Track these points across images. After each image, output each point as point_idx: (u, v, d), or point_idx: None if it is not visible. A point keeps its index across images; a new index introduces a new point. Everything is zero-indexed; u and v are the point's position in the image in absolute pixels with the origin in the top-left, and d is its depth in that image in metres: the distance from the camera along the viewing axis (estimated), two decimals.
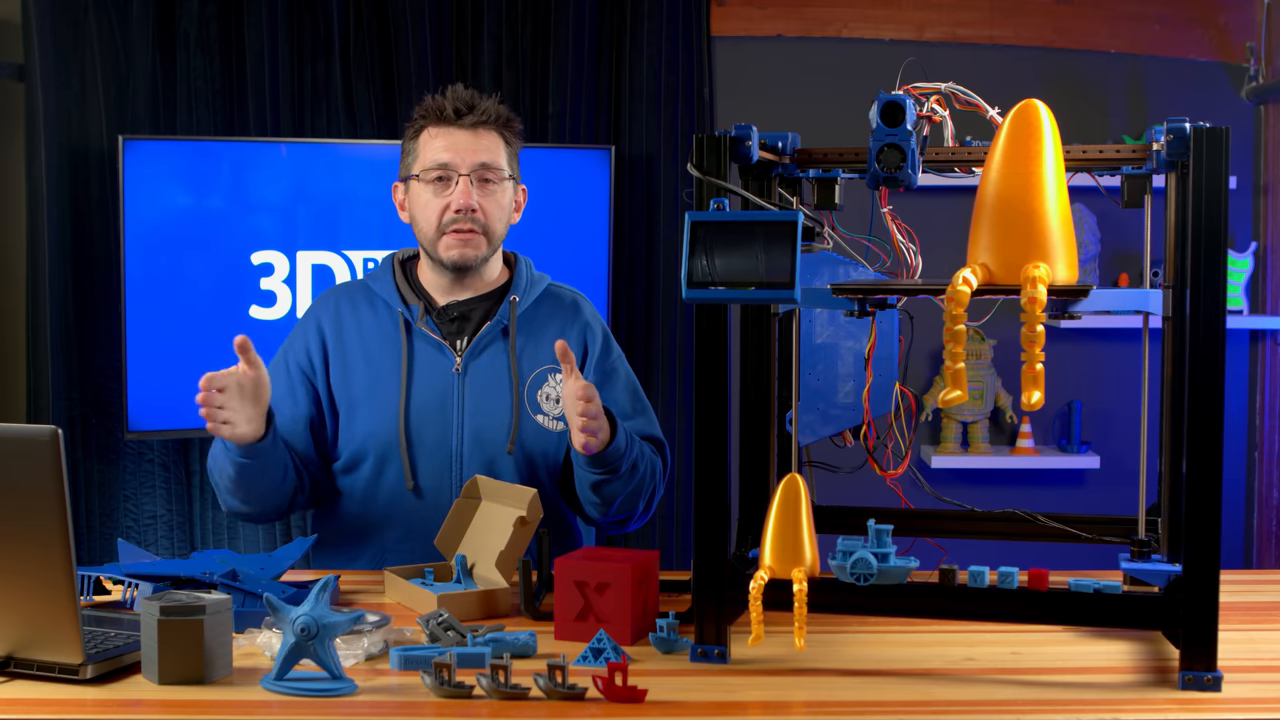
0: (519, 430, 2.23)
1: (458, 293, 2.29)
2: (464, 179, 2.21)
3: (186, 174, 3.53)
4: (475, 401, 2.24)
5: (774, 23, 3.95)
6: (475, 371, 2.25)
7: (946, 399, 1.49)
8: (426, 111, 2.25)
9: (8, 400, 3.74)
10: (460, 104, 2.23)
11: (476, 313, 2.29)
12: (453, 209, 2.21)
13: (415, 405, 2.23)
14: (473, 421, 2.23)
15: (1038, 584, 1.65)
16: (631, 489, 2.18)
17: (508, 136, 2.28)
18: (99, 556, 3.66)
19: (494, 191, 2.24)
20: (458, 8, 3.80)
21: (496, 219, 2.25)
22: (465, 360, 2.25)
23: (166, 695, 1.50)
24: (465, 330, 2.28)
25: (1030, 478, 3.94)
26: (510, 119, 2.28)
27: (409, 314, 2.26)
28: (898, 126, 1.63)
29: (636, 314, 3.90)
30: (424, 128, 2.26)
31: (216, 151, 3.56)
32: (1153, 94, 3.95)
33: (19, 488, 1.48)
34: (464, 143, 2.22)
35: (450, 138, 2.23)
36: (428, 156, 2.23)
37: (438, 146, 2.23)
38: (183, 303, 3.54)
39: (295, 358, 2.30)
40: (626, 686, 1.47)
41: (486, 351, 2.26)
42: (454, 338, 2.27)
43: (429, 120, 2.25)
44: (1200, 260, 1.52)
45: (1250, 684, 1.55)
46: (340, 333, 2.29)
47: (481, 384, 2.24)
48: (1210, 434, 1.52)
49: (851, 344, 1.87)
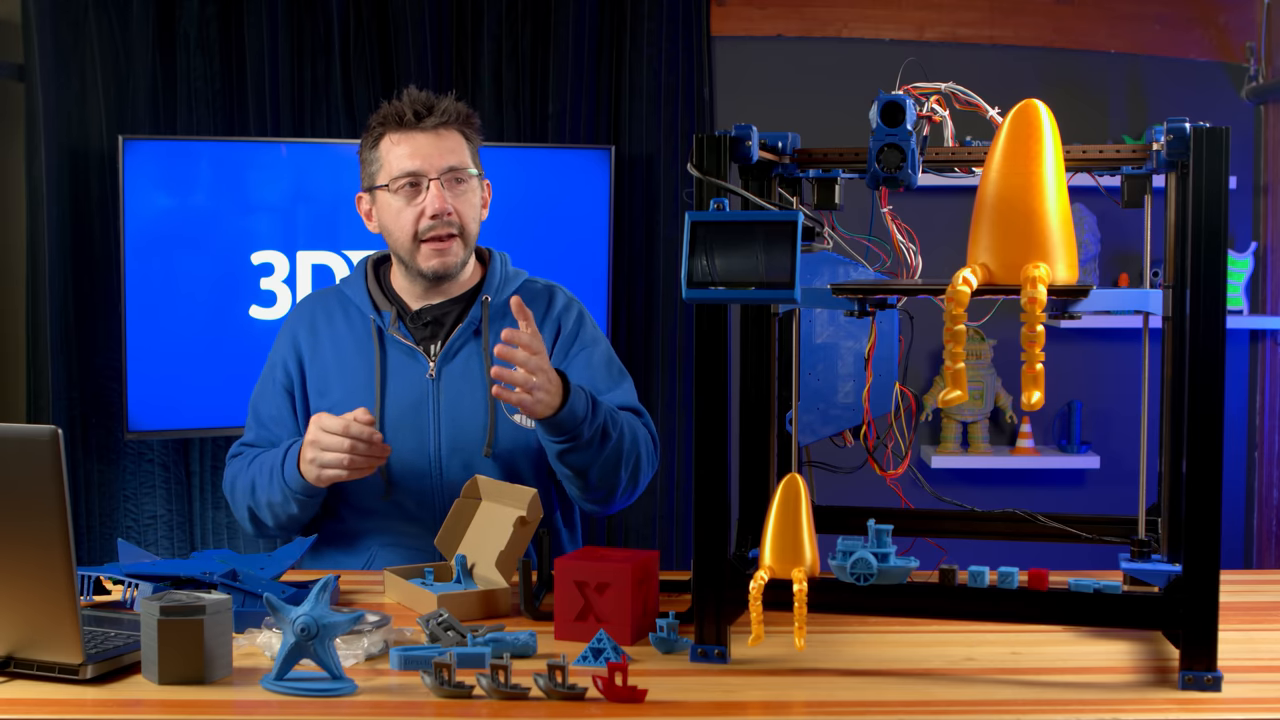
0: (495, 432, 2.21)
1: (431, 296, 2.28)
2: (435, 183, 2.19)
3: (187, 174, 3.53)
4: (450, 406, 2.22)
5: (774, 23, 3.95)
6: (449, 376, 2.23)
7: (946, 399, 1.49)
8: (384, 118, 2.22)
9: (8, 400, 3.74)
10: (419, 106, 2.20)
11: (450, 316, 2.27)
12: (427, 215, 2.19)
13: (390, 413, 2.21)
14: (449, 427, 2.21)
15: (1038, 584, 1.65)
16: (604, 459, 2.13)
17: (469, 134, 2.26)
18: (99, 556, 3.66)
19: (464, 192, 2.23)
20: (458, 8, 3.80)
21: (470, 219, 2.24)
22: (439, 365, 2.23)
23: (166, 695, 1.50)
24: (439, 334, 2.26)
25: (1030, 478, 3.94)
26: (469, 115, 2.26)
27: (381, 321, 2.25)
28: (898, 126, 1.63)
29: (636, 314, 3.90)
30: (383, 135, 2.22)
31: (217, 151, 3.56)
32: (1153, 94, 3.95)
33: (19, 488, 1.48)
34: (428, 146, 2.20)
35: (413, 143, 2.20)
36: (394, 165, 2.20)
37: (402, 154, 2.20)
38: (183, 303, 3.54)
39: (277, 375, 2.31)
40: (626, 686, 1.47)
41: (460, 355, 2.24)
42: (427, 342, 2.25)
43: (388, 126, 2.22)
44: (1200, 260, 1.52)
45: (1250, 684, 1.55)
46: (316, 343, 2.29)
47: (456, 388, 2.22)
48: (1210, 434, 1.51)
49: (851, 344, 1.87)
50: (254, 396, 2.34)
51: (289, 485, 2.13)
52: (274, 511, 2.20)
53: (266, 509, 2.20)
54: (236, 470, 2.29)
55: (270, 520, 2.22)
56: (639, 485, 2.24)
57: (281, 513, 2.19)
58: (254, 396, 2.34)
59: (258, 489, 2.21)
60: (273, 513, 2.20)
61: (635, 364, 3.89)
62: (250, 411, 2.34)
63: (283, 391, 2.29)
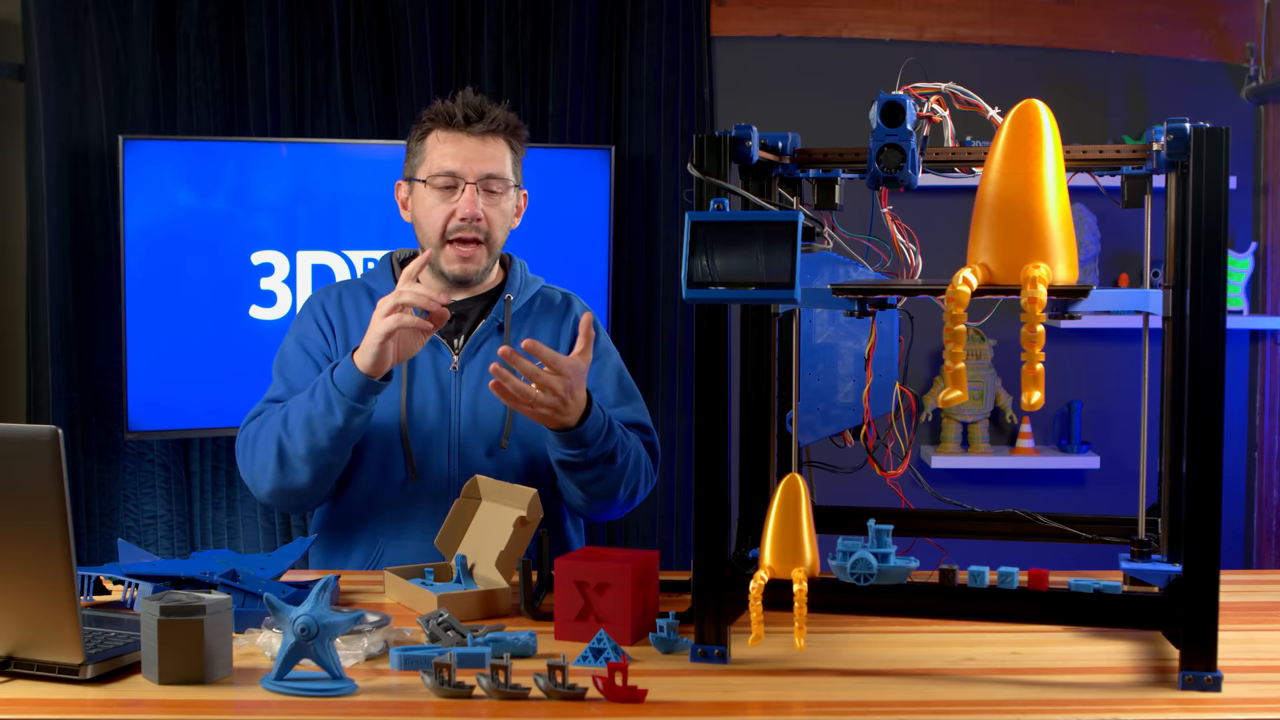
0: (513, 425, 2.24)
1: (454, 293, 2.30)
2: (470, 188, 2.22)
3: (186, 174, 3.53)
4: (471, 398, 2.25)
5: (774, 23, 3.95)
6: (471, 369, 2.26)
7: (946, 399, 1.49)
8: (436, 115, 2.26)
9: (8, 400, 3.74)
10: (470, 110, 2.23)
11: (473, 312, 2.31)
12: (458, 217, 2.22)
13: (416, 400, 2.24)
14: (469, 417, 2.24)
15: (1038, 584, 1.65)
16: (606, 479, 2.17)
17: (514, 144, 2.29)
18: (99, 556, 3.66)
19: (498, 201, 2.26)
20: (458, 8, 3.80)
21: (499, 227, 2.27)
22: (462, 358, 2.26)
23: (166, 695, 1.50)
24: (462, 329, 2.30)
25: (1030, 478, 3.94)
26: (518, 127, 2.30)
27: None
28: (898, 126, 1.63)
29: (636, 314, 3.90)
30: (431, 130, 2.26)
31: (216, 151, 3.56)
32: (1153, 94, 3.95)
33: (19, 488, 1.48)
34: (471, 151, 2.23)
35: (458, 145, 2.23)
36: (435, 162, 2.24)
37: (446, 153, 2.23)
38: (183, 303, 3.54)
39: (311, 342, 2.28)
40: (626, 686, 1.47)
41: (482, 349, 2.28)
42: (451, 336, 2.28)
43: (438, 124, 2.25)
44: (1200, 260, 1.52)
45: (1250, 684, 1.55)
46: (344, 324, 2.30)
47: (477, 381, 2.25)
48: (1210, 434, 1.51)
49: (851, 344, 1.87)
50: (279, 362, 2.29)
51: (339, 389, 2.06)
52: (311, 429, 2.08)
53: (302, 431, 2.09)
54: (261, 420, 2.20)
55: (304, 446, 2.09)
56: (633, 502, 2.28)
57: (321, 429, 2.08)
58: (279, 362, 2.29)
59: (291, 417, 2.12)
60: (310, 431, 2.08)
61: (635, 364, 3.89)
62: (275, 373, 2.28)
63: (312, 356, 2.26)
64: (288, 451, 2.12)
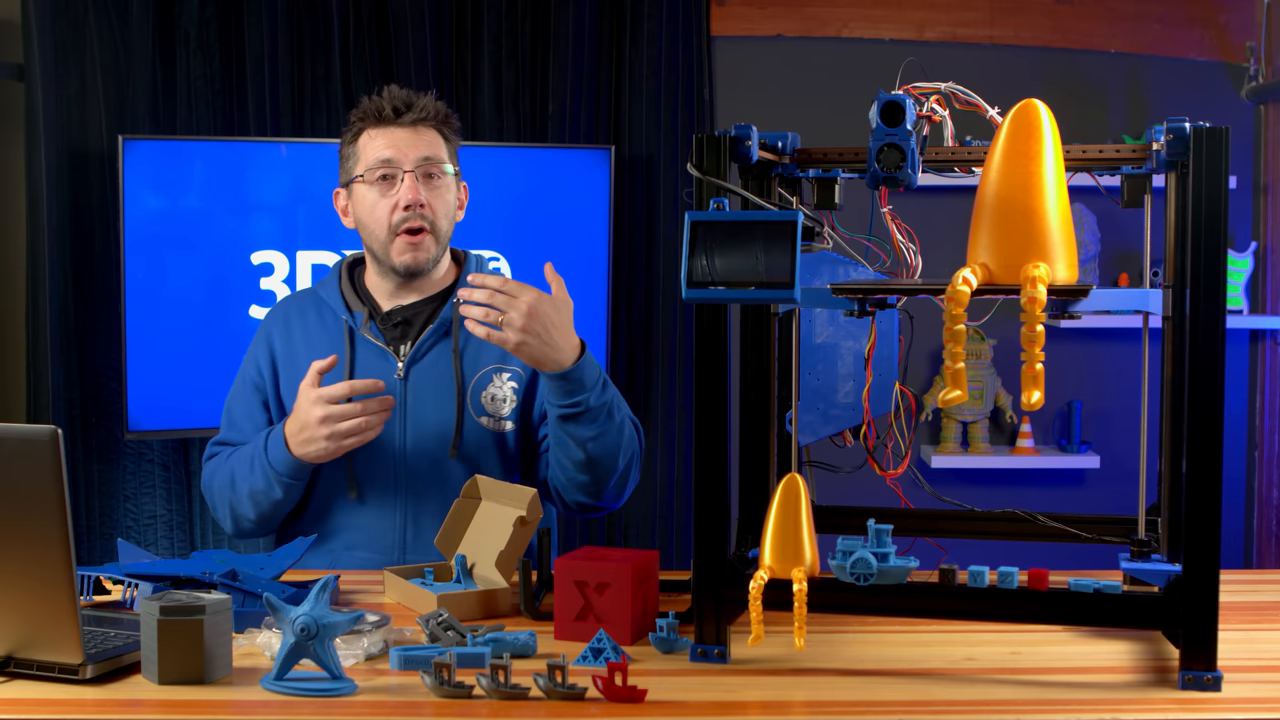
0: (461, 433, 2.22)
1: (403, 296, 2.29)
2: (409, 175, 2.21)
3: (186, 174, 3.53)
4: (418, 406, 2.23)
5: (774, 23, 3.95)
6: (418, 376, 2.24)
7: (946, 399, 1.49)
8: (364, 114, 2.26)
9: (8, 400, 3.74)
10: (398, 102, 2.23)
11: (421, 316, 2.28)
12: (401, 206, 2.21)
13: None
14: (415, 427, 2.22)
15: (1038, 584, 1.65)
16: (608, 435, 2.13)
17: (447, 133, 2.28)
18: (99, 556, 3.66)
19: (439, 187, 2.25)
20: (458, 8, 3.80)
21: (443, 215, 2.25)
22: (408, 365, 2.24)
23: (166, 695, 1.50)
24: (409, 335, 2.27)
25: (1030, 478, 3.94)
26: (448, 115, 2.29)
27: (353, 321, 2.26)
28: (898, 126, 1.63)
29: (636, 314, 3.90)
30: (362, 130, 2.26)
31: (216, 151, 3.56)
32: (1153, 94, 3.95)
33: (19, 488, 1.48)
34: (405, 140, 2.23)
35: (390, 136, 2.23)
36: (370, 155, 2.23)
37: (379, 145, 2.23)
38: (183, 303, 3.54)
39: (249, 373, 2.32)
40: (626, 686, 1.47)
41: (429, 355, 2.25)
42: (398, 343, 2.26)
43: (367, 122, 2.25)
44: (1200, 260, 1.52)
45: (1250, 684, 1.55)
46: (290, 343, 2.30)
47: (424, 388, 2.23)
48: (1210, 434, 1.51)
49: (851, 344, 1.87)
50: (228, 397, 2.36)
51: (274, 468, 2.13)
52: (256, 500, 2.18)
53: (248, 500, 2.19)
54: (214, 469, 2.29)
55: (252, 511, 2.20)
56: (626, 487, 2.24)
57: (264, 500, 2.18)
58: (228, 397, 2.36)
59: (237, 481, 2.20)
60: (254, 502, 2.19)
61: (635, 364, 3.89)
62: (225, 411, 2.35)
63: (254, 391, 2.30)
64: (239, 512, 2.24)
